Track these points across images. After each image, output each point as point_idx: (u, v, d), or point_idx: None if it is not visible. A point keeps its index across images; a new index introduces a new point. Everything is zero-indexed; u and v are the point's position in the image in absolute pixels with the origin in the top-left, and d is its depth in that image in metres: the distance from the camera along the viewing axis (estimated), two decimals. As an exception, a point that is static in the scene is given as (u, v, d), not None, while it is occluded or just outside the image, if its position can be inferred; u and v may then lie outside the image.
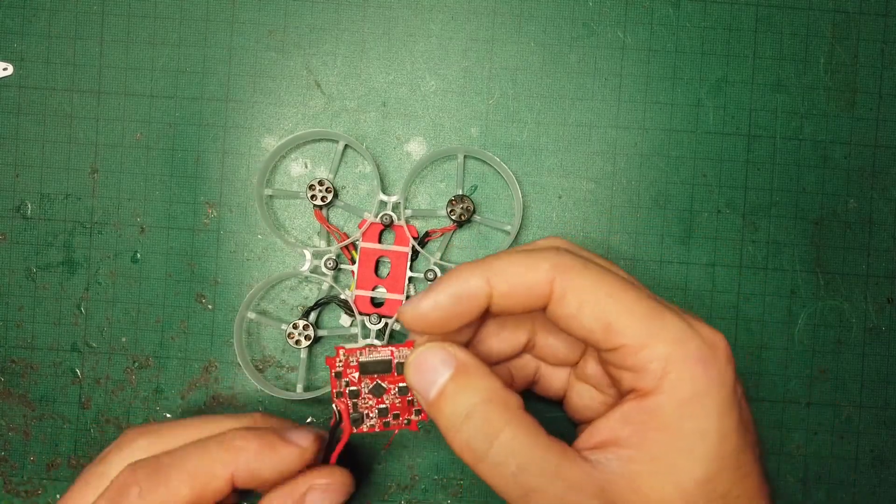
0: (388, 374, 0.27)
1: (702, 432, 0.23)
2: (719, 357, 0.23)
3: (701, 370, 0.23)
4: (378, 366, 0.27)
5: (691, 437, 0.23)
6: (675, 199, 0.35)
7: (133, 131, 0.35)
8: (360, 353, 0.27)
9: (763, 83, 0.36)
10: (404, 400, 0.27)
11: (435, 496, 0.35)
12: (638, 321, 0.23)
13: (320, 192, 0.34)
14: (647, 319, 0.23)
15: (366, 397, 0.27)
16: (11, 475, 0.35)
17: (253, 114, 0.35)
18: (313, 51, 0.35)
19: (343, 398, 0.27)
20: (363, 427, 0.27)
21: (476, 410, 0.23)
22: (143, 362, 0.35)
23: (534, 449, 0.23)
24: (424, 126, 0.35)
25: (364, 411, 0.27)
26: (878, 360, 0.36)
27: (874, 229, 0.36)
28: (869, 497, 0.35)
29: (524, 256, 0.24)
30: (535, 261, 0.24)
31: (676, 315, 0.24)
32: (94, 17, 0.35)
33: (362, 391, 0.27)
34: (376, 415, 0.27)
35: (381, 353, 0.27)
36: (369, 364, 0.27)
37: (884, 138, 0.36)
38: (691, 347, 0.23)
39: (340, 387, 0.27)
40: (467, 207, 0.34)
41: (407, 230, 0.34)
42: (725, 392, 0.23)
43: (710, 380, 0.23)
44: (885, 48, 0.36)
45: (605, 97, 0.35)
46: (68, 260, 0.35)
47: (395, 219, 0.34)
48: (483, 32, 0.35)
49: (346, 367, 0.27)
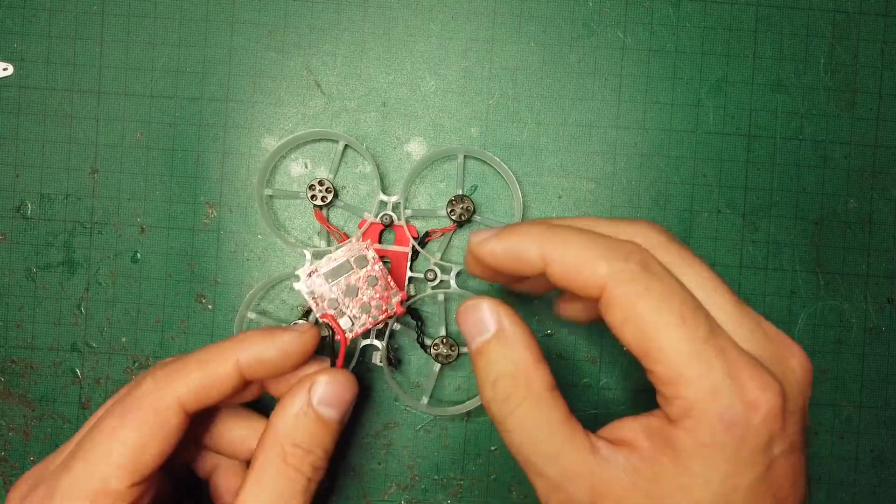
0: (350, 271, 0.30)
1: (706, 479, 0.23)
2: (752, 419, 0.22)
3: (722, 427, 0.22)
4: (340, 270, 0.30)
5: (695, 479, 0.23)
6: (675, 199, 0.35)
7: (133, 131, 0.35)
8: (320, 265, 0.30)
9: (763, 83, 0.36)
10: (377, 289, 0.30)
11: (435, 496, 0.35)
12: (678, 360, 0.22)
13: (320, 193, 0.34)
14: (687, 362, 0.22)
15: (343, 301, 0.30)
16: (11, 475, 0.35)
17: (253, 114, 0.35)
18: (313, 51, 0.35)
19: (325, 312, 0.29)
20: (357, 329, 0.29)
21: (501, 380, 0.24)
22: (144, 362, 0.35)
23: (540, 431, 0.24)
24: (424, 126, 0.35)
25: (350, 314, 0.30)
26: (878, 360, 0.36)
27: (874, 229, 0.36)
28: (869, 497, 0.35)
29: (590, 245, 0.23)
30: (595, 257, 0.23)
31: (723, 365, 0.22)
32: (94, 17, 0.35)
33: (338, 298, 0.30)
34: (361, 311, 0.30)
35: (335, 258, 0.30)
36: (332, 271, 0.30)
37: (884, 138, 0.36)
38: (721, 404, 0.22)
39: (320, 304, 0.30)
40: (467, 207, 0.34)
41: (407, 230, 0.34)
42: (745, 452, 0.22)
43: (732, 437, 0.22)
44: (885, 48, 0.36)
45: (605, 97, 0.35)
46: (68, 260, 0.35)
47: (395, 219, 0.34)
48: (483, 32, 0.35)
49: (313, 285, 0.30)
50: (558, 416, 0.24)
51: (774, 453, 0.23)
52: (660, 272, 0.23)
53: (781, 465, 0.23)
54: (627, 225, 0.25)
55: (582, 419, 0.31)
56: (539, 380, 0.24)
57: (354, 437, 0.35)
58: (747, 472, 0.23)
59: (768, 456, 0.23)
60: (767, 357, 0.24)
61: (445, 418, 0.35)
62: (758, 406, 0.22)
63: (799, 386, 0.24)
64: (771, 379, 0.23)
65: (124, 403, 0.26)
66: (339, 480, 0.35)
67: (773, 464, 0.23)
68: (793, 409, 0.23)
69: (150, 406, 0.26)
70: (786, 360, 0.24)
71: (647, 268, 0.23)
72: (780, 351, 0.24)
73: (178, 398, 0.26)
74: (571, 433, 0.24)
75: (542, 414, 0.24)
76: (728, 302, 0.24)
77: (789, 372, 0.24)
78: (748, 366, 0.23)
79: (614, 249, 0.23)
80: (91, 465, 0.25)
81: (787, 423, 0.23)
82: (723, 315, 0.24)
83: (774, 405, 0.22)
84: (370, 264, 0.32)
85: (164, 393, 0.26)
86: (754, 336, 0.24)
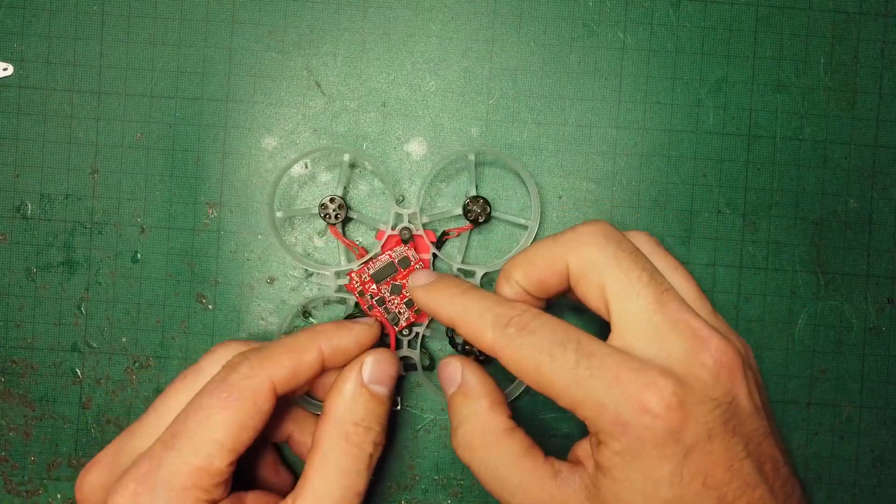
0: (396, 273, 0.33)
1: (629, 484, 0.25)
2: (642, 419, 0.24)
3: (619, 433, 0.25)
4: (386, 270, 0.33)
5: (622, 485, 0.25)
6: (675, 199, 0.35)
7: (133, 131, 0.35)
8: (368, 267, 0.33)
9: (763, 83, 0.36)
10: None
11: (435, 496, 0.35)
12: (563, 391, 0.26)
13: (333, 211, 0.34)
14: (569, 389, 0.25)
15: (390, 299, 0.33)
16: (12, 475, 0.35)
17: (253, 114, 0.35)
18: (313, 51, 0.35)
19: (374, 309, 0.33)
20: (402, 323, 0.33)
21: (463, 425, 0.29)
22: (144, 362, 0.35)
23: (500, 467, 0.28)
24: (424, 126, 0.35)
25: (396, 310, 0.33)
26: (878, 360, 0.36)
27: (874, 229, 0.36)
28: (869, 497, 0.35)
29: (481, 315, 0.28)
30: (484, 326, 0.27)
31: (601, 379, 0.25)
32: (94, 18, 0.35)
33: (385, 296, 0.33)
34: (405, 308, 0.33)
35: (382, 261, 0.33)
36: (378, 273, 0.33)
37: (884, 138, 0.36)
38: (611, 414, 0.25)
39: (369, 302, 0.33)
40: (484, 206, 0.34)
41: (426, 237, 0.34)
42: (649, 448, 0.25)
43: (631, 439, 0.25)
44: (886, 48, 0.36)
45: (605, 97, 0.35)
46: (68, 260, 0.35)
47: (413, 230, 0.33)
48: (483, 32, 0.35)
49: (363, 286, 0.33)
50: (516, 452, 0.28)
51: (688, 442, 0.24)
52: (535, 326, 0.27)
53: (702, 451, 0.25)
54: (570, 233, 0.28)
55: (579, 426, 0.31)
56: (495, 424, 0.28)
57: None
58: (662, 466, 0.25)
59: (681, 446, 0.24)
60: (676, 356, 0.26)
61: (446, 418, 0.35)
62: (645, 405, 0.24)
63: (711, 377, 0.25)
64: (655, 378, 0.25)
65: (224, 386, 0.27)
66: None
67: (690, 451, 0.25)
68: (702, 398, 0.25)
69: (250, 389, 0.27)
70: (695, 356, 0.26)
71: (524, 327, 0.27)
72: (690, 348, 0.26)
73: (273, 382, 0.27)
74: (532, 465, 0.27)
75: (502, 453, 0.28)
76: (648, 306, 0.26)
77: (698, 366, 0.25)
78: (629, 371, 0.25)
79: (499, 318, 0.27)
80: (196, 444, 0.26)
81: (695, 413, 0.25)
82: (640, 318, 0.26)
83: (662, 400, 0.24)
84: (412, 263, 0.33)
85: (261, 377, 0.27)
86: (664, 337, 0.26)
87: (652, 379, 0.25)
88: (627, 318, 0.26)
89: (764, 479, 0.25)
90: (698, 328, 0.26)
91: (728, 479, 0.25)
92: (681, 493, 0.25)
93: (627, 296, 0.26)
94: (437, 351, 0.35)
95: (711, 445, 0.25)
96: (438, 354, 0.35)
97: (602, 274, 0.27)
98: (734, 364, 0.26)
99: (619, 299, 0.26)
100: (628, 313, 0.26)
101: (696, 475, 0.25)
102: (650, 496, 0.25)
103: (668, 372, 0.25)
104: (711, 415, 0.25)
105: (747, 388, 0.26)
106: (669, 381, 0.25)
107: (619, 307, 0.26)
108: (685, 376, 0.25)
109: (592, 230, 0.28)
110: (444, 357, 0.31)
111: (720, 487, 0.25)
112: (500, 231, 0.35)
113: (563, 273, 0.28)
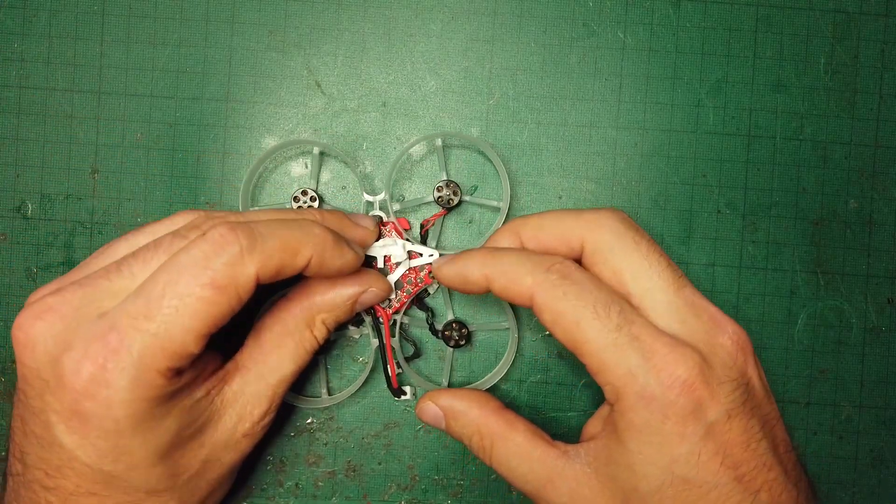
0: None
1: (644, 455, 0.26)
2: (669, 394, 0.25)
3: (643, 405, 0.25)
4: None
5: (636, 457, 0.26)
6: (675, 199, 0.35)
7: (133, 131, 0.35)
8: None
9: (763, 83, 0.36)
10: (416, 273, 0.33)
11: (435, 496, 0.35)
12: (598, 351, 0.26)
13: (307, 203, 0.34)
14: (605, 351, 0.26)
15: None
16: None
17: (253, 114, 0.35)
18: (313, 51, 0.35)
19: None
20: (395, 305, 0.33)
21: (470, 437, 0.30)
22: (144, 362, 0.35)
23: (511, 460, 0.29)
24: (424, 126, 0.35)
25: None
26: (878, 360, 0.36)
27: (874, 229, 0.36)
28: (869, 497, 0.35)
29: (519, 263, 0.28)
30: (523, 273, 0.27)
31: (637, 348, 0.25)
32: (94, 17, 0.35)
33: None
34: (396, 290, 0.33)
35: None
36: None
37: (884, 138, 0.36)
38: (639, 384, 0.25)
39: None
40: (454, 190, 0.34)
41: (397, 224, 0.34)
42: (671, 424, 0.25)
43: (654, 413, 0.25)
44: (886, 48, 0.36)
45: (605, 97, 0.35)
46: (69, 260, 0.35)
47: (384, 217, 0.34)
48: (483, 32, 0.35)
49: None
50: (520, 441, 0.29)
51: (709, 420, 0.25)
52: (578, 278, 0.27)
53: (721, 430, 0.25)
54: (591, 213, 0.29)
55: (582, 418, 0.31)
56: (494, 426, 0.29)
57: (354, 437, 0.35)
58: (681, 443, 0.25)
59: (701, 424, 0.25)
60: (699, 336, 0.26)
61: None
62: (673, 381, 0.25)
63: (730, 358, 0.26)
64: (686, 355, 0.25)
65: (207, 272, 0.25)
66: (338, 480, 0.35)
67: (710, 430, 0.25)
68: (722, 378, 0.26)
69: (234, 283, 0.25)
70: (715, 337, 0.27)
71: (566, 276, 0.27)
72: (710, 329, 0.27)
73: (259, 276, 0.26)
74: (539, 452, 0.28)
75: (508, 448, 0.29)
76: (668, 287, 0.27)
77: (718, 347, 0.26)
78: (663, 346, 0.25)
79: (538, 264, 0.27)
80: (171, 331, 0.25)
81: (717, 393, 0.25)
82: (662, 299, 0.27)
83: (690, 377, 0.25)
84: None
85: (248, 271, 0.26)
86: (686, 318, 0.27)
87: (684, 356, 0.25)
88: (652, 297, 0.27)
89: (779, 460, 0.26)
90: (714, 312, 0.27)
91: (746, 458, 0.25)
92: (697, 472, 0.25)
93: (648, 277, 0.27)
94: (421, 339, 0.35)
95: (731, 424, 0.25)
96: (424, 345, 0.35)
97: (620, 257, 0.27)
98: (748, 348, 0.27)
99: (640, 280, 0.27)
100: (651, 293, 0.27)
101: (715, 454, 0.25)
102: (664, 470, 0.25)
103: (697, 350, 0.26)
104: (732, 395, 0.26)
105: (758, 371, 0.27)
106: (699, 359, 0.25)
107: (641, 287, 0.27)
108: (708, 355, 0.26)
109: (614, 216, 0.28)
110: (423, 390, 0.33)
111: (738, 467, 0.25)
112: (472, 214, 0.35)
113: (573, 248, 0.29)
